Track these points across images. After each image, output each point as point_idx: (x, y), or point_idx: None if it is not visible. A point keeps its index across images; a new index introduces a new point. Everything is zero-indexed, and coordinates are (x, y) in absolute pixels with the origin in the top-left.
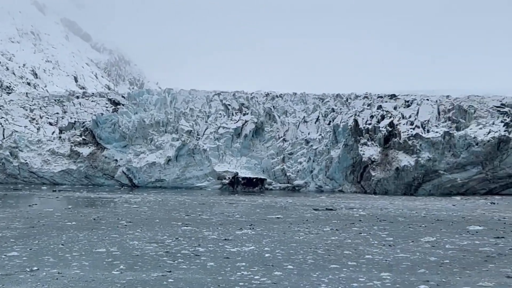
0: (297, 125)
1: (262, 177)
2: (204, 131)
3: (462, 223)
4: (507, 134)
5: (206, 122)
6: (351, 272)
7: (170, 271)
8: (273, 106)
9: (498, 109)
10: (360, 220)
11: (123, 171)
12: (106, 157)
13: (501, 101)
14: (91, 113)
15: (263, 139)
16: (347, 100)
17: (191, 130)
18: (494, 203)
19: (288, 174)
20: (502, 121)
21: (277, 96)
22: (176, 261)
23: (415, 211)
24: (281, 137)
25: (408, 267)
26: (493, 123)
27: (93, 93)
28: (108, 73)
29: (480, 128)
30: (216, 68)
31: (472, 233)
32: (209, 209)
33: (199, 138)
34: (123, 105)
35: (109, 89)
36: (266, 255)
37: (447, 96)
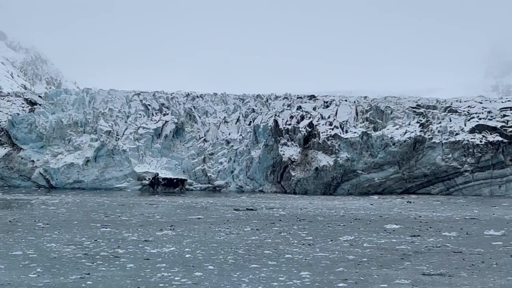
0: (217, 125)
1: (183, 177)
2: (124, 132)
3: (380, 222)
4: (422, 135)
5: (126, 122)
6: (271, 272)
7: (88, 274)
8: (194, 107)
9: (414, 109)
10: (280, 220)
11: (40, 172)
12: (22, 158)
13: (416, 102)
14: (7, 113)
15: (184, 139)
16: (267, 100)
17: (110, 131)
18: (410, 202)
19: (209, 174)
20: (417, 122)
21: (197, 96)
22: (95, 263)
23: (334, 211)
24: (202, 137)
25: (327, 266)
26: (409, 124)
27: (8, 93)
28: (24, 72)
29: (397, 129)
30: (135, 68)
31: (389, 231)
32: (128, 210)
33: (118, 138)
34: (40, 105)
35: (25, 88)
36: (187, 255)
37: (365, 97)
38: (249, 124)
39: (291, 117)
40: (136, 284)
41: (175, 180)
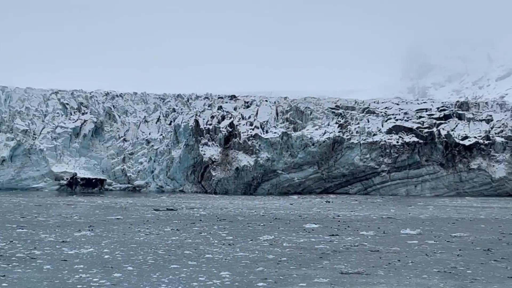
0: (137, 125)
1: (102, 177)
2: (41, 131)
3: (299, 221)
4: (341, 135)
5: (43, 121)
6: (191, 272)
7: (4, 276)
8: (113, 106)
9: (333, 110)
10: (201, 220)
11: None
12: None
13: (335, 103)
14: None
15: (103, 139)
16: (188, 100)
17: (27, 130)
18: (329, 202)
19: (128, 174)
20: (336, 122)
21: (117, 95)
22: (10, 265)
23: (254, 210)
24: (122, 137)
25: (247, 265)
26: (328, 124)
27: None
28: None
29: (316, 129)
30: (53, 66)
31: (309, 231)
32: (46, 211)
33: (35, 138)
34: None
35: None
36: (106, 256)
37: (285, 98)
38: (170, 124)
39: (212, 117)
40: (53, 286)
41: (94, 180)
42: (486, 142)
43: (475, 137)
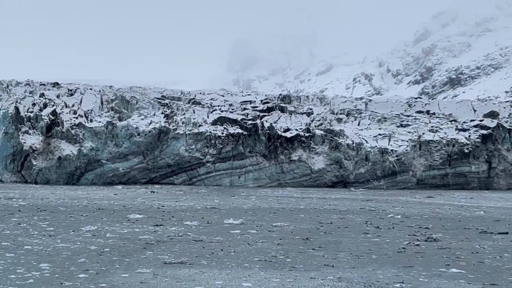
0: None
1: None
2: None
3: (123, 211)
4: (167, 125)
5: None
6: (9, 264)
7: None
8: None
9: (159, 100)
10: (20, 211)
11: None
12: None
13: (162, 93)
14: None
15: None
16: (7, 86)
17: None
18: (154, 192)
19: None
20: (162, 113)
21: None
22: None
23: (77, 201)
24: None
25: (68, 257)
26: (154, 114)
27: None
28: None
29: (142, 119)
30: None
31: (133, 221)
32: None
33: None
34: None
35: None
36: None
37: (110, 87)
38: None
39: (34, 104)
40: None
41: None
42: (307, 134)
43: (296, 130)
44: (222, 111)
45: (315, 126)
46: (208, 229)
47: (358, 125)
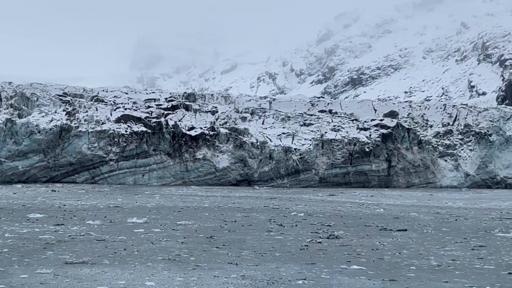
0: None
1: None
2: None
3: (23, 211)
4: (69, 123)
5: None
6: None
7: None
8: None
9: (61, 97)
10: None
11: None
12: None
13: (63, 90)
14: None
15: None
16: None
17: None
18: (55, 191)
19: None
20: (64, 110)
21: None
22: None
23: None
24: None
25: None
26: (55, 112)
27: None
28: None
29: (43, 116)
30: None
31: (33, 220)
32: None
33: None
34: None
35: None
36: None
37: (10, 83)
38: None
39: None
40: None
41: None
42: (211, 133)
43: (201, 128)
44: (125, 109)
45: (220, 125)
46: (111, 228)
47: (262, 123)
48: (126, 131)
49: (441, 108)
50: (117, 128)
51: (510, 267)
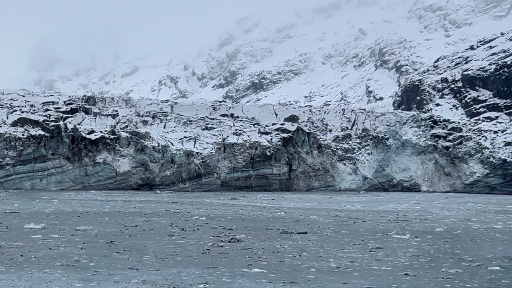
0: None
1: None
2: None
3: None
4: None
5: None
6: None
7: None
8: None
9: None
10: None
11: None
12: None
13: None
14: None
15: None
16: None
17: None
18: None
19: None
20: None
21: None
22: None
23: None
24: None
25: None
26: None
27: None
28: None
29: None
30: None
31: None
32: None
33: None
34: None
35: None
36: None
37: None
38: None
39: None
40: None
41: None
42: (112, 136)
43: (101, 132)
44: (22, 112)
45: (121, 128)
46: (7, 234)
47: (164, 127)
48: (23, 135)
49: (340, 112)
50: (13, 131)
51: (407, 268)
